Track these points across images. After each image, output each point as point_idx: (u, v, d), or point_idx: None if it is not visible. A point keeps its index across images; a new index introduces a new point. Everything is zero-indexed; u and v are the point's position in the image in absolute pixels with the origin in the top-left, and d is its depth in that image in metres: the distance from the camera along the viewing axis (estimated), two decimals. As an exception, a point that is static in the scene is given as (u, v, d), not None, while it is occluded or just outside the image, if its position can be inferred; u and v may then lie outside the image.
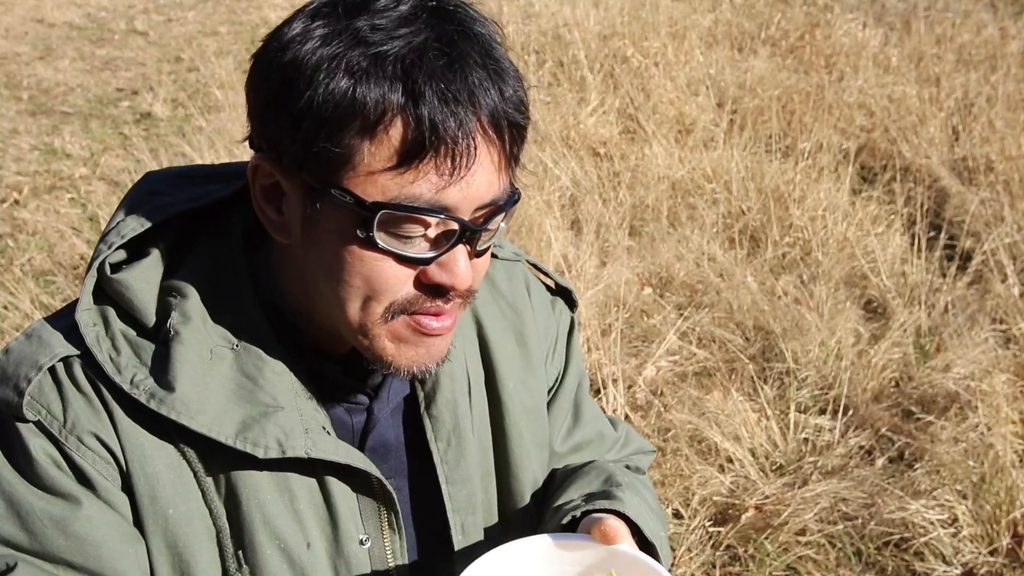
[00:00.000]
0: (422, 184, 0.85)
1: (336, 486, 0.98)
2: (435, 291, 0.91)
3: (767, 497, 2.79)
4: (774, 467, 2.94)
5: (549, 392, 1.21)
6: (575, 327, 1.25)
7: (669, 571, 0.94)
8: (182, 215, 1.00)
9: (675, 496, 2.82)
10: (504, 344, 1.13)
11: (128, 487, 0.93)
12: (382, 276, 0.89)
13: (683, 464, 2.90)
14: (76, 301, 0.98)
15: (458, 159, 0.84)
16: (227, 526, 0.95)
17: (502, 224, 0.94)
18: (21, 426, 0.92)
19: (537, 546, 0.96)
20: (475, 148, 0.85)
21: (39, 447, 0.91)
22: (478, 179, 0.87)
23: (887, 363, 3.33)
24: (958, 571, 2.56)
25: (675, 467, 2.90)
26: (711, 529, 2.73)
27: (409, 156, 0.84)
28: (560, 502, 1.11)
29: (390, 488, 1.00)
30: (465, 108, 0.84)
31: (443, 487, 1.07)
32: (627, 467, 1.26)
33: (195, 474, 0.94)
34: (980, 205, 4.16)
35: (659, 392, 3.26)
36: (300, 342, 1.00)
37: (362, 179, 0.85)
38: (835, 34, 6.15)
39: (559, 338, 1.22)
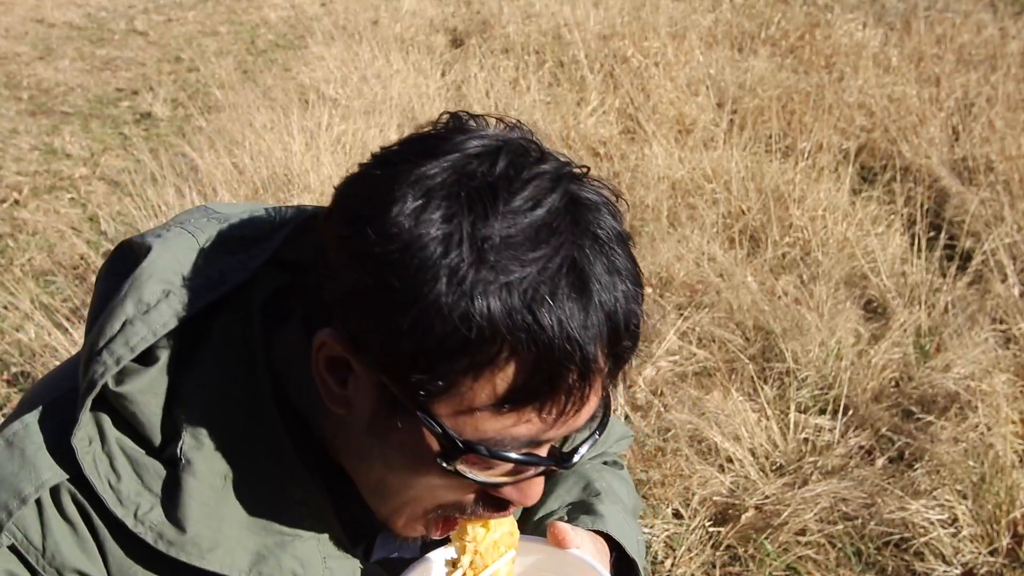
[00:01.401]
0: (523, 428, 0.75)
1: None
2: (498, 505, 0.85)
3: (767, 497, 2.79)
4: (774, 467, 2.93)
5: None
6: None
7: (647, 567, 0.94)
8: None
9: (675, 496, 2.82)
10: None
11: None
12: (448, 492, 0.83)
13: (683, 464, 2.90)
14: (62, 375, 0.88)
15: (569, 407, 0.75)
16: None
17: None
18: None
19: None
20: (589, 392, 0.75)
21: (5, 573, 0.80)
22: (582, 415, 0.78)
23: (887, 363, 3.32)
24: (958, 571, 2.56)
25: (675, 467, 2.90)
26: (711, 529, 2.73)
27: (516, 402, 0.73)
28: (541, 513, 1.10)
29: None
30: (587, 354, 0.72)
31: None
32: (604, 462, 1.22)
33: None
34: (980, 205, 4.16)
35: (659, 392, 3.26)
36: (320, 456, 0.88)
37: (455, 412, 0.75)
38: (835, 34, 6.15)
39: None
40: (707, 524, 2.74)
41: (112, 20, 8.16)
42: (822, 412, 3.17)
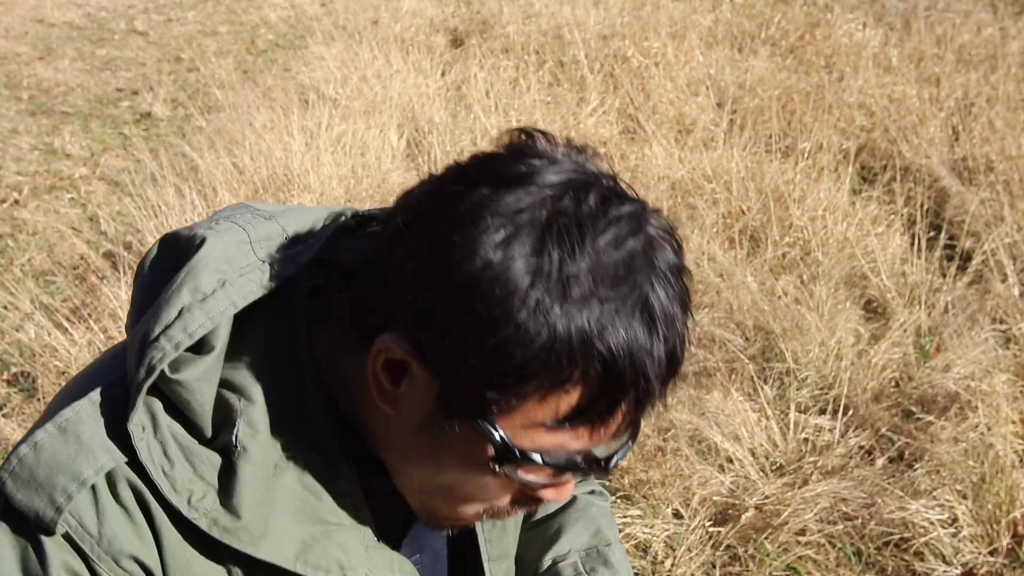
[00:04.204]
0: (575, 443, 0.81)
1: None
2: (529, 501, 0.90)
3: (767, 497, 2.79)
4: (774, 467, 2.94)
5: None
6: None
7: None
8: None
9: (675, 496, 2.82)
10: None
11: None
12: (489, 491, 0.88)
13: (683, 464, 2.90)
14: (108, 366, 0.90)
15: (620, 428, 0.82)
16: None
17: None
18: (46, 540, 0.80)
19: None
20: (639, 419, 0.83)
21: (62, 563, 0.80)
22: (624, 434, 0.84)
23: (887, 363, 3.32)
24: (958, 571, 2.56)
25: (675, 467, 2.90)
26: (711, 529, 2.73)
27: (576, 422, 0.79)
28: (552, 556, 1.14)
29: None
30: (650, 383, 0.79)
31: (485, 565, 1.06)
32: (592, 491, 1.26)
33: None
34: (980, 205, 4.16)
35: (659, 392, 3.26)
36: (357, 449, 0.91)
37: (516, 426, 0.79)
38: (835, 34, 6.15)
39: None
40: (707, 524, 2.74)
41: (112, 20, 8.16)
42: (822, 412, 3.17)
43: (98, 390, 0.86)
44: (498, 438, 0.78)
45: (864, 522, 2.71)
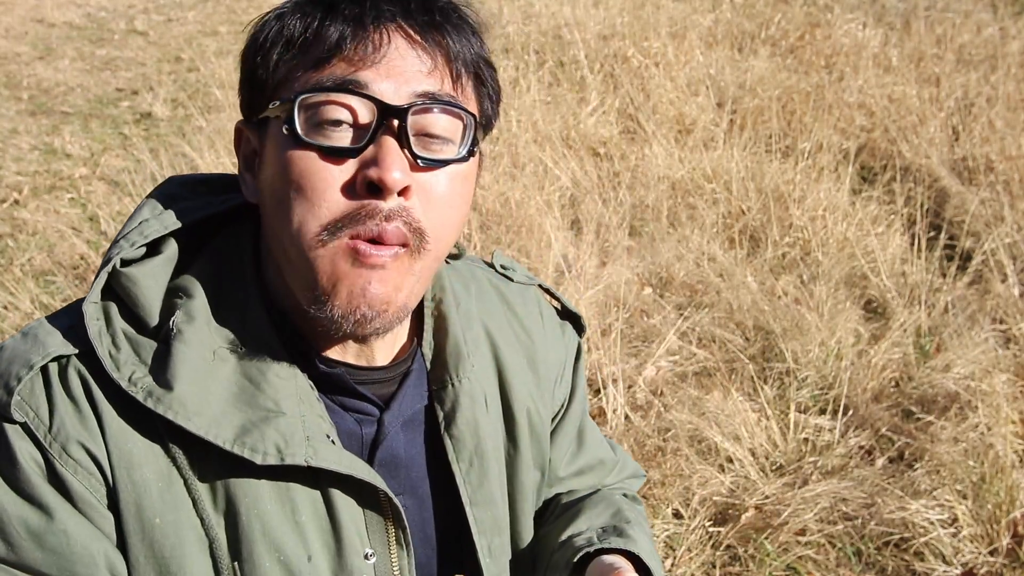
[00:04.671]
0: (336, 69, 0.88)
1: (340, 498, 0.94)
2: (368, 188, 0.87)
3: (767, 497, 2.79)
4: (774, 467, 2.94)
5: (555, 418, 1.21)
6: (581, 352, 1.25)
7: None
8: (197, 221, 0.99)
9: (675, 496, 2.82)
10: (518, 367, 1.12)
11: (113, 498, 0.89)
12: (311, 176, 0.88)
13: (683, 464, 2.90)
14: (75, 303, 0.95)
15: (368, 43, 0.88)
16: (222, 536, 0.91)
17: (462, 150, 0.92)
18: (8, 427, 0.88)
19: None
20: (388, 35, 0.88)
21: (24, 451, 0.87)
22: (397, 62, 0.88)
23: (887, 363, 3.32)
24: (958, 571, 2.56)
25: (675, 467, 2.90)
26: (711, 529, 2.73)
27: (326, 55, 0.88)
28: (570, 532, 1.12)
29: (398, 504, 0.97)
30: (381, 12, 0.89)
31: (467, 509, 1.05)
32: (624, 495, 1.27)
33: (186, 481, 0.90)
34: (980, 205, 4.16)
35: (659, 392, 3.26)
36: (307, 349, 0.96)
37: (288, 88, 0.90)
38: (835, 34, 6.15)
39: (567, 363, 1.22)
40: (707, 524, 2.74)
41: (112, 20, 8.16)
42: (822, 412, 3.17)
43: (64, 308, 0.98)
44: (275, 103, 0.89)
45: (864, 522, 2.71)
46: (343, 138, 0.88)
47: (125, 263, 0.94)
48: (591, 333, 3.38)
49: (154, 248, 0.97)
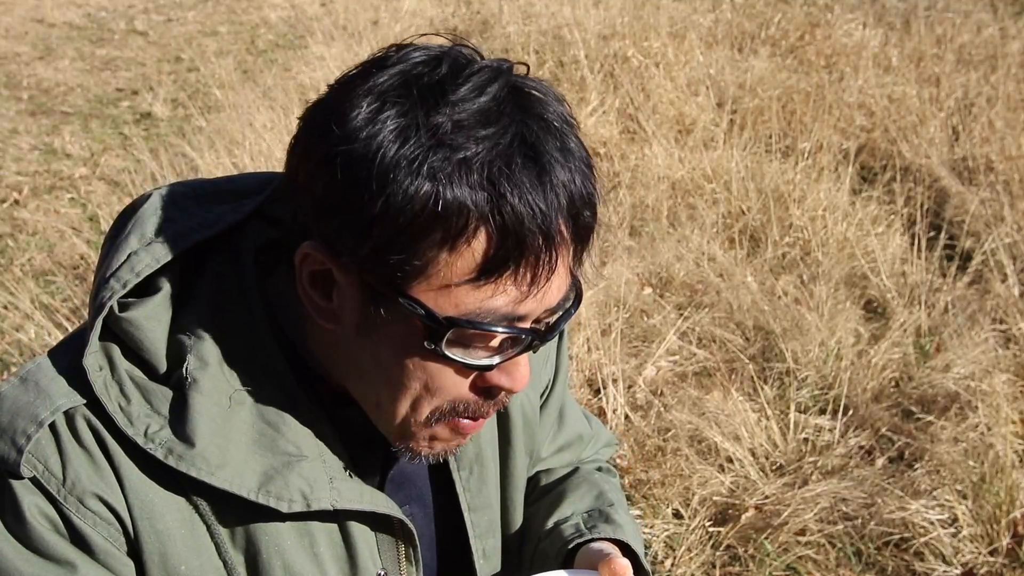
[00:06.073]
0: (499, 298, 0.80)
1: (356, 528, 0.95)
2: (489, 393, 0.89)
3: (767, 497, 2.79)
4: (774, 467, 2.94)
5: (540, 397, 1.21)
6: (565, 331, 1.24)
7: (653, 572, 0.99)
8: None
9: (675, 496, 2.82)
10: None
11: (135, 548, 0.87)
12: (442, 382, 0.86)
13: (683, 464, 2.90)
14: (74, 335, 0.92)
15: (539, 272, 0.80)
16: (243, 574, 0.90)
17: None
18: (15, 483, 0.84)
19: None
20: (556, 259, 0.80)
21: (33, 505, 0.84)
22: (553, 287, 0.83)
23: (887, 363, 3.32)
24: (958, 571, 2.56)
25: (675, 467, 2.90)
26: (711, 529, 2.73)
27: (490, 271, 0.78)
28: (556, 519, 1.13)
29: (410, 525, 0.97)
30: (549, 219, 0.78)
31: (465, 515, 1.06)
32: (599, 468, 1.28)
33: (208, 527, 0.88)
34: (980, 205, 4.16)
35: (659, 392, 3.26)
36: (316, 381, 0.94)
37: (435, 291, 0.79)
38: (835, 34, 6.15)
39: (552, 344, 1.21)
40: (707, 524, 2.74)
41: (112, 20, 8.17)
42: (822, 412, 3.17)
43: (58, 344, 0.92)
44: (419, 308, 0.79)
45: (864, 522, 2.71)
46: (483, 354, 0.85)
47: (122, 304, 0.88)
48: (591, 333, 3.38)
49: (147, 281, 0.90)
